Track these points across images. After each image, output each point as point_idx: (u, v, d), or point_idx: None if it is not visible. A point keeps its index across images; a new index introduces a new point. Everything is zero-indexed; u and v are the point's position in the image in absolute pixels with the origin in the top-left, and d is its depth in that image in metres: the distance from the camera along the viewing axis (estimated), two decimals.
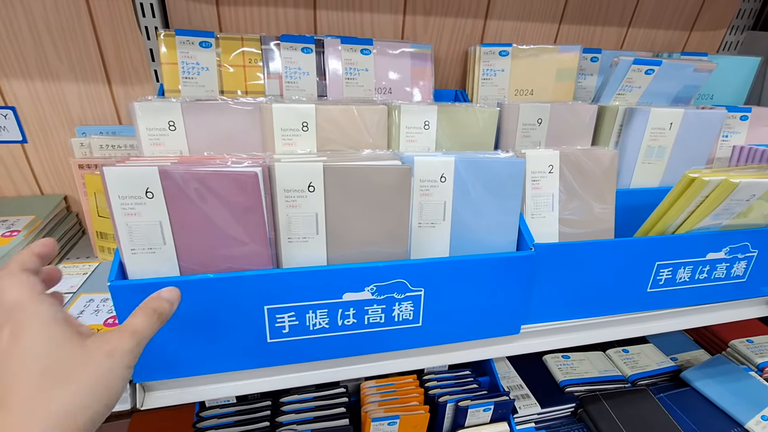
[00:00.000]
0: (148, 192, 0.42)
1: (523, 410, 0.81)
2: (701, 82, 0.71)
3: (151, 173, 0.42)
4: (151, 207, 0.43)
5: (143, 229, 0.43)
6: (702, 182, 0.54)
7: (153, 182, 0.42)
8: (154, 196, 0.42)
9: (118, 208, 0.42)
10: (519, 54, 0.70)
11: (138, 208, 0.43)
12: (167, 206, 0.43)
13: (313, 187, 0.46)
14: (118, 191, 0.42)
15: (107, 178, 0.41)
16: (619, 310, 0.62)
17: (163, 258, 0.44)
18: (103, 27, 0.64)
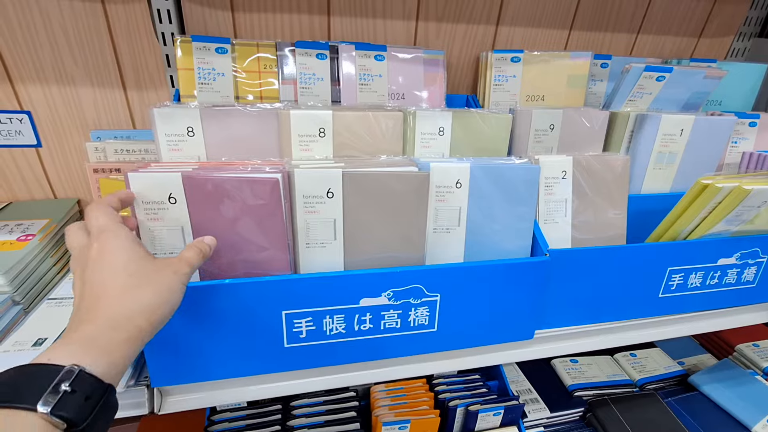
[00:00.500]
0: (171, 197, 0.43)
1: (533, 414, 0.81)
2: (711, 89, 0.71)
3: (174, 179, 0.43)
4: (174, 212, 0.44)
5: (165, 234, 0.44)
6: (715, 189, 0.55)
7: (176, 188, 0.43)
8: (176, 202, 0.43)
9: (142, 213, 0.43)
10: (531, 60, 0.71)
11: (161, 213, 0.44)
12: (189, 211, 0.44)
13: (332, 193, 0.47)
14: (142, 196, 0.43)
15: (132, 184, 0.42)
16: (631, 315, 0.62)
17: None
18: (119, 33, 0.64)
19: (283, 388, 0.51)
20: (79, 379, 0.27)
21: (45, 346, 0.48)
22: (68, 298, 0.57)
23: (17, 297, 0.56)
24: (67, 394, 0.26)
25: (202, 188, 0.43)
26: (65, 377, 0.26)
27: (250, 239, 0.46)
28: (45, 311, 0.54)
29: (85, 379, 0.27)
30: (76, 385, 0.27)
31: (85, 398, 0.27)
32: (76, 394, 0.26)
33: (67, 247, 0.37)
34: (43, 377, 0.27)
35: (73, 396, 0.26)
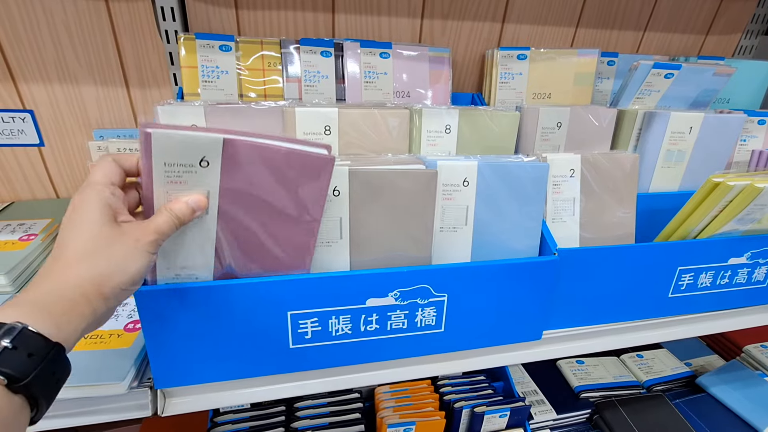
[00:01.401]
0: (203, 161, 0.37)
1: (539, 416, 0.81)
2: (720, 87, 0.70)
3: (213, 142, 0.37)
4: (201, 176, 0.38)
5: None
6: (726, 187, 0.54)
7: (213, 151, 0.37)
8: (209, 165, 0.37)
9: (160, 174, 0.36)
10: (537, 57, 0.70)
11: (186, 177, 0.37)
12: (221, 179, 0.38)
13: (338, 191, 0.46)
14: (165, 157, 0.36)
15: (154, 142, 0.35)
16: (641, 315, 0.61)
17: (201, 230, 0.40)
18: (122, 31, 0.64)
19: (287, 390, 0.51)
20: (21, 336, 0.27)
21: None
22: None
23: None
24: (7, 350, 0.26)
25: (244, 155, 0.38)
26: (6, 334, 0.27)
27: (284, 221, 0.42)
28: None
29: (28, 336, 0.27)
30: (18, 341, 0.27)
31: (27, 354, 0.27)
32: (18, 350, 0.26)
33: None
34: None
35: (15, 352, 0.26)
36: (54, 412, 0.46)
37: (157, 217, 0.36)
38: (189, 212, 0.37)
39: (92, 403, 0.46)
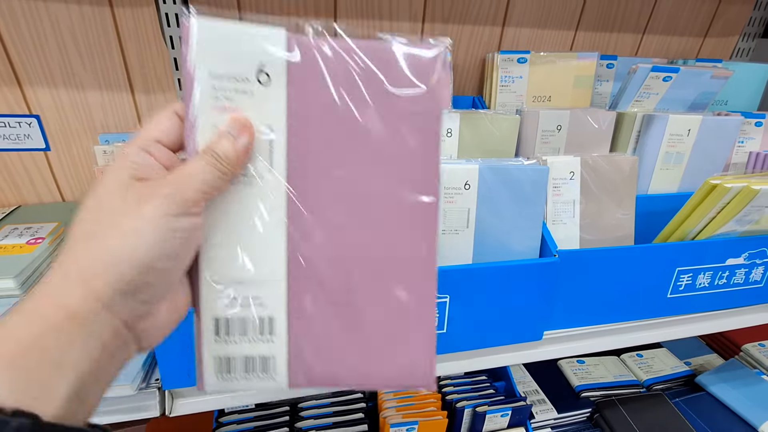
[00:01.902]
0: (262, 72, 0.26)
1: (540, 416, 0.81)
2: (718, 89, 0.71)
3: (277, 36, 0.26)
4: (261, 98, 0.26)
5: None
6: (724, 189, 0.55)
7: (275, 58, 0.26)
8: (270, 80, 0.26)
9: (207, 91, 0.25)
10: (537, 61, 0.71)
11: (238, 99, 0.25)
12: (288, 102, 0.26)
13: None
14: (211, 65, 0.25)
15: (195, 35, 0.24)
16: (640, 315, 0.62)
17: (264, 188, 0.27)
18: (127, 36, 0.64)
19: (293, 392, 0.51)
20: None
21: None
22: None
23: None
24: None
25: (323, 63, 0.26)
26: None
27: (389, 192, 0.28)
28: None
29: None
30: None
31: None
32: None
33: None
34: None
35: None
36: None
37: (189, 165, 0.24)
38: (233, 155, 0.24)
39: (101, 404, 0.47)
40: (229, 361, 0.27)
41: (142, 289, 0.22)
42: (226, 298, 0.26)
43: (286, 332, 0.27)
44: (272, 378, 0.27)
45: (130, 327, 0.23)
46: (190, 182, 0.23)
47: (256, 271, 0.26)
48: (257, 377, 0.27)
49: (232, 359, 0.27)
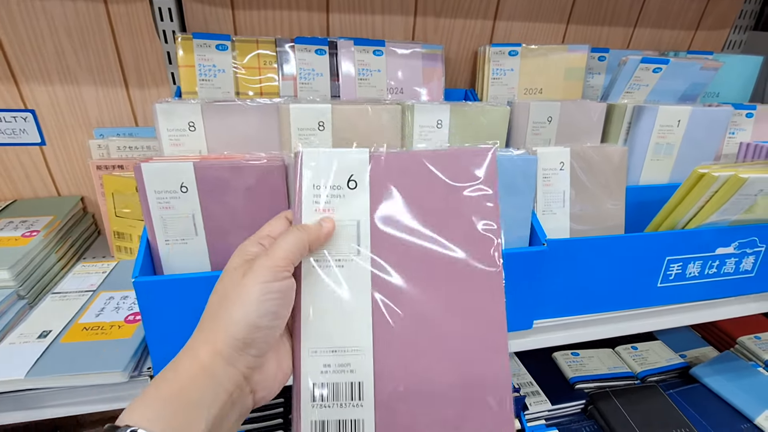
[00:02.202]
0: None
1: (534, 407, 0.82)
2: (708, 81, 0.72)
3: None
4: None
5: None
6: (711, 178, 0.55)
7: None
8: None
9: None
10: (528, 54, 0.71)
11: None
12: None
13: None
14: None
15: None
16: (630, 305, 0.63)
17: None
18: (121, 31, 0.65)
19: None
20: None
21: (50, 338, 0.49)
22: (72, 292, 0.58)
23: (22, 291, 0.57)
24: None
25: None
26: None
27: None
28: (49, 305, 0.55)
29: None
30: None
31: None
32: None
33: None
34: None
35: None
36: (58, 401, 0.47)
37: (278, 240, 0.30)
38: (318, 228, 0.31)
39: (94, 392, 0.47)
40: (324, 424, 0.31)
41: (251, 344, 0.27)
42: (323, 365, 0.31)
43: (373, 397, 0.31)
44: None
45: (247, 378, 0.28)
46: (278, 250, 0.29)
47: (346, 340, 0.31)
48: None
49: (327, 423, 0.31)
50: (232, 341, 0.27)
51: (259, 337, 0.27)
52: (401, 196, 0.33)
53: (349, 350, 0.31)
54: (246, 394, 0.28)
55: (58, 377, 0.45)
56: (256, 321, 0.27)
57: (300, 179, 0.32)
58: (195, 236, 0.47)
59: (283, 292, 0.29)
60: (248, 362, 0.28)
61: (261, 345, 0.28)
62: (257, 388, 0.29)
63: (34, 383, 0.45)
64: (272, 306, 0.28)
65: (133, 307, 0.55)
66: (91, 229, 0.74)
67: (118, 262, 0.65)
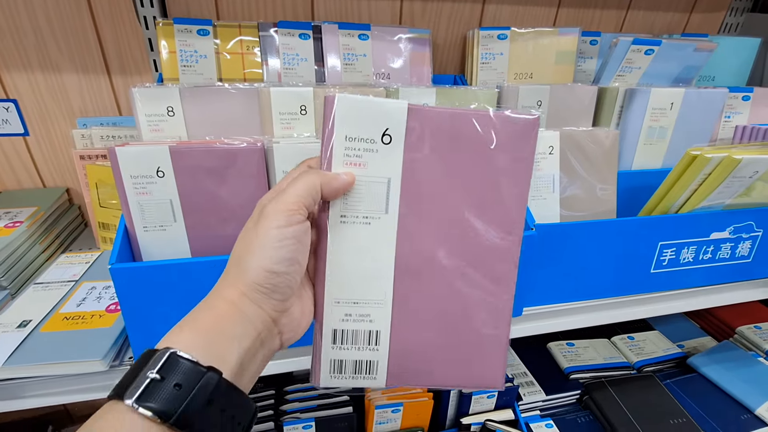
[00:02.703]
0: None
1: (528, 397, 0.81)
2: (702, 63, 0.70)
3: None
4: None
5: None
6: (704, 159, 0.54)
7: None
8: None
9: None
10: (517, 37, 0.70)
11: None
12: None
13: None
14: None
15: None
16: (623, 291, 0.61)
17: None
18: (102, 18, 0.64)
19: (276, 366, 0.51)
20: (168, 364, 0.23)
21: (29, 328, 0.48)
22: (54, 282, 0.57)
23: (4, 282, 0.56)
24: (154, 382, 0.23)
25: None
26: (153, 364, 0.23)
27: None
28: (31, 295, 0.54)
29: (175, 363, 0.24)
30: (165, 370, 0.23)
31: (174, 385, 0.23)
32: (165, 381, 0.23)
33: None
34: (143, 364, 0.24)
35: (161, 383, 0.23)
36: (38, 391, 0.46)
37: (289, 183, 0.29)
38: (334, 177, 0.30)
39: (75, 382, 0.47)
40: (342, 363, 0.33)
41: (273, 289, 0.28)
42: (344, 314, 0.33)
43: (389, 343, 0.33)
44: (374, 378, 0.34)
45: (275, 321, 0.29)
46: (289, 194, 0.28)
47: (369, 294, 0.33)
48: (362, 377, 0.34)
49: (345, 362, 0.33)
50: (255, 286, 0.28)
51: (280, 282, 0.28)
52: (436, 155, 0.31)
53: (371, 302, 0.33)
54: (274, 335, 0.29)
55: (36, 366, 0.45)
56: (273, 267, 0.28)
57: (331, 128, 0.30)
58: (174, 222, 0.46)
59: (297, 237, 0.28)
60: (274, 306, 0.29)
61: (284, 289, 0.29)
62: (284, 330, 0.30)
63: (12, 372, 0.44)
64: (287, 252, 0.28)
65: (114, 297, 0.54)
66: (77, 221, 0.73)
67: (102, 252, 0.64)
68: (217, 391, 0.24)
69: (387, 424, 0.72)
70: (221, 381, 0.25)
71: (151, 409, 0.22)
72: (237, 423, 0.26)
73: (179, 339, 0.25)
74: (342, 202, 0.31)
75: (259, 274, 0.27)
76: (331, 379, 0.33)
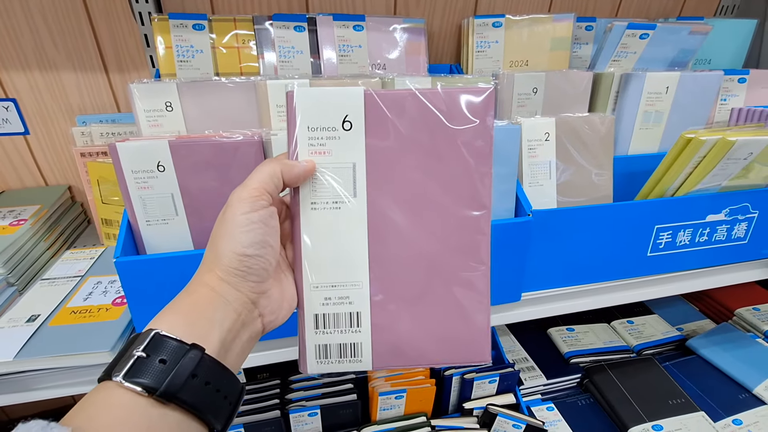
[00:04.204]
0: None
1: (529, 382, 0.82)
2: (697, 46, 0.70)
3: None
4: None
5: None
6: (699, 142, 0.54)
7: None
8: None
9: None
10: (512, 25, 0.70)
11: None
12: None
13: None
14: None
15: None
16: (620, 275, 0.62)
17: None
18: (97, 15, 0.64)
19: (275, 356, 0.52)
20: (152, 342, 0.25)
21: (38, 322, 0.50)
22: (61, 278, 0.58)
23: (11, 279, 0.57)
24: (140, 359, 0.24)
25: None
26: (139, 343, 0.25)
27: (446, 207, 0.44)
28: (38, 291, 0.55)
29: (158, 342, 0.25)
30: (150, 348, 0.25)
31: (159, 360, 0.25)
32: (150, 357, 0.25)
33: None
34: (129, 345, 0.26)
35: (147, 360, 0.24)
36: (49, 383, 0.48)
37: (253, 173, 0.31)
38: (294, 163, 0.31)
39: (84, 373, 0.48)
40: (327, 348, 0.34)
41: (248, 271, 0.29)
42: (324, 298, 0.33)
43: (370, 324, 0.34)
44: (360, 361, 0.34)
45: (254, 303, 0.30)
46: (251, 180, 0.30)
47: (345, 276, 0.33)
48: (348, 361, 0.34)
49: (329, 346, 0.34)
50: (230, 270, 0.29)
51: (253, 263, 0.29)
52: (397, 136, 0.32)
53: (348, 285, 0.33)
54: (255, 318, 0.30)
55: (46, 358, 0.46)
56: (244, 251, 0.29)
57: (294, 120, 0.32)
58: (176, 216, 0.47)
59: (263, 221, 0.30)
60: (251, 287, 0.30)
61: (258, 271, 0.30)
62: (264, 312, 0.31)
63: (23, 365, 0.46)
64: (256, 236, 0.29)
65: (120, 291, 0.55)
66: (80, 218, 0.74)
67: (106, 248, 0.65)
68: (201, 365, 0.26)
69: (391, 410, 0.73)
70: (204, 356, 0.26)
71: (138, 383, 0.24)
72: (223, 397, 0.27)
73: (162, 321, 0.27)
74: (311, 189, 0.32)
75: (232, 258, 0.29)
76: (318, 365, 0.34)
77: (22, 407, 0.85)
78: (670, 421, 0.75)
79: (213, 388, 0.26)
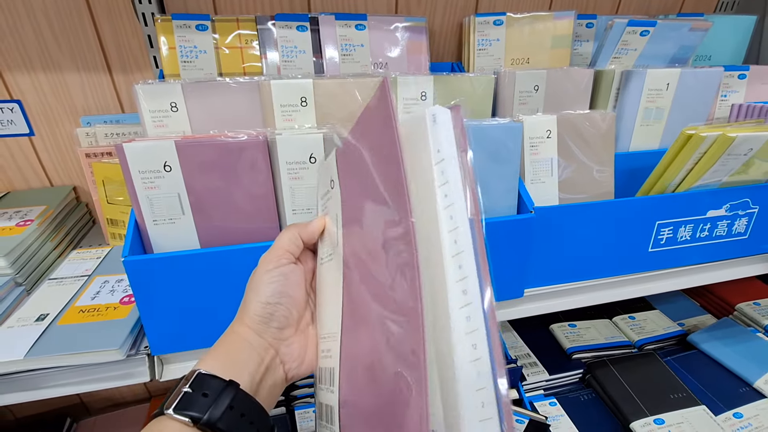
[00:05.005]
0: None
1: (531, 377, 0.83)
2: (697, 42, 0.70)
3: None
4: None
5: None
6: (699, 138, 0.54)
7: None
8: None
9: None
10: (513, 23, 0.70)
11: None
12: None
13: (314, 159, 0.47)
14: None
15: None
16: (621, 271, 0.63)
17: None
18: (100, 16, 0.65)
19: None
20: (196, 380, 0.30)
21: (47, 321, 0.50)
22: (68, 278, 0.59)
23: (19, 279, 0.58)
24: (187, 394, 0.29)
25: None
26: (186, 381, 0.30)
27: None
28: (46, 290, 0.56)
29: (201, 379, 0.30)
30: (195, 384, 0.30)
31: (202, 394, 0.29)
32: (195, 392, 0.29)
33: None
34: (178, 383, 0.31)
35: (192, 394, 0.29)
36: (58, 381, 0.48)
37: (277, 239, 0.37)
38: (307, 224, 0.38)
39: (93, 371, 0.48)
40: (321, 407, 0.34)
41: (270, 318, 0.34)
42: (322, 351, 0.35)
43: (338, 383, 0.31)
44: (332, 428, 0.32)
45: (276, 349, 0.34)
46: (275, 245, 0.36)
47: (329, 328, 0.34)
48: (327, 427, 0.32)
49: (321, 405, 0.34)
50: (254, 317, 0.34)
51: (274, 311, 0.34)
52: (351, 185, 0.34)
53: (329, 337, 0.34)
54: (277, 365, 0.34)
55: (56, 357, 0.46)
56: (266, 299, 0.34)
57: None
58: (182, 215, 0.48)
59: (284, 274, 0.35)
60: (273, 334, 0.34)
61: (279, 318, 0.34)
62: (285, 359, 0.35)
63: (33, 363, 0.46)
64: (276, 287, 0.35)
65: (128, 289, 0.56)
66: (85, 218, 0.75)
67: (112, 248, 0.66)
68: (236, 398, 0.30)
69: None
70: (239, 391, 0.30)
71: (186, 414, 0.28)
72: (256, 429, 0.30)
73: (203, 363, 0.32)
74: (320, 246, 0.37)
75: (256, 307, 0.34)
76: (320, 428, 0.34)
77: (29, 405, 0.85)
78: (672, 415, 0.75)
79: (247, 420, 0.30)
